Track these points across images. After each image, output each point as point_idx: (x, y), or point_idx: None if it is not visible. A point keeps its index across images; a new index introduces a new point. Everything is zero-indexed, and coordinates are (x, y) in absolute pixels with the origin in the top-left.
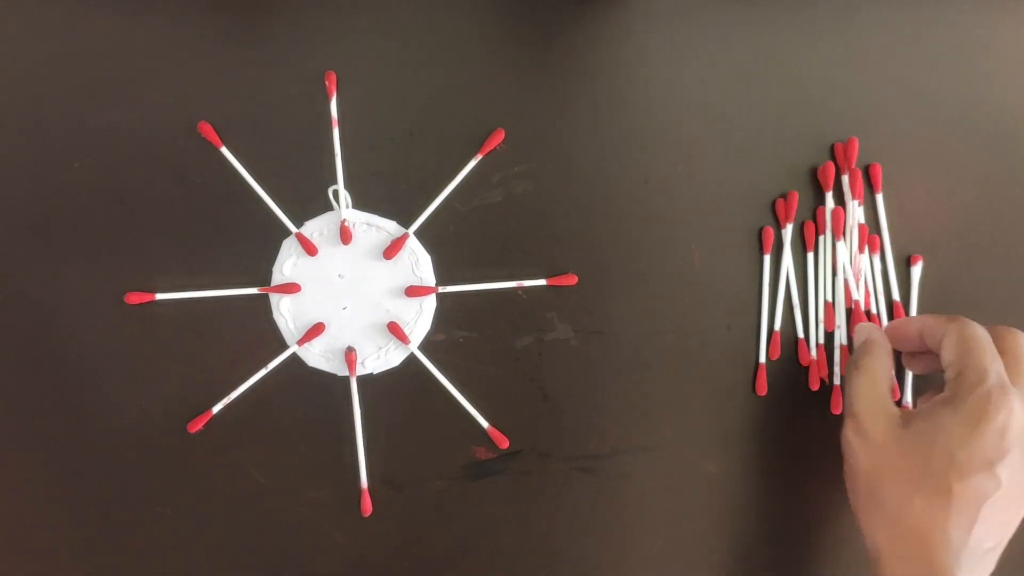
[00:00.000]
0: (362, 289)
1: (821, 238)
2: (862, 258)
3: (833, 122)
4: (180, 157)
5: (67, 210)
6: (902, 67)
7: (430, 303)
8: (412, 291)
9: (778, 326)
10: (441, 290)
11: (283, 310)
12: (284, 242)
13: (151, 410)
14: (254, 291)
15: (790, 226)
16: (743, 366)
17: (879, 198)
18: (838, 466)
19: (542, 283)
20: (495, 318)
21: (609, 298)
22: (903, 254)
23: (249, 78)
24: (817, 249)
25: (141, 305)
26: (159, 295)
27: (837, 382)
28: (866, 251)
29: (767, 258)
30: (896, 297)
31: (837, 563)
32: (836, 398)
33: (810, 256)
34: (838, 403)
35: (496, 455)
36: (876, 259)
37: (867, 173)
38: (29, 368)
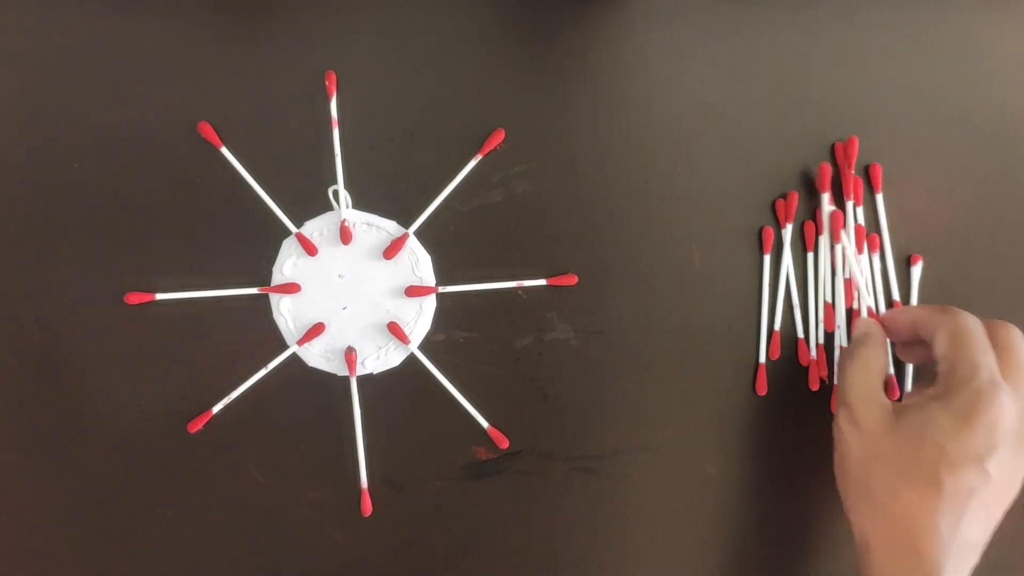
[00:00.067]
0: (362, 289)
1: (821, 238)
2: (862, 258)
3: (833, 122)
4: (180, 157)
5: (67, 210)
6: (902, 67)
7: (430, 303)
8: (412, 291)
9: (778, 326)
10: (441, 290)
11: (283, 310)
12: (284, 242)
13: (151, 410)
14: (254, 291)
15: (790, 226)
16: (743, 366)
17: (879, 198)
18: None
19: (542, 283)
20: (495, 318)
21: (609, 298)
22: (903, 254)
23: (249, 78)
24: (817, 249)
25: (141, 305)
26: (159, 295)
27: (837, 382)
28: (866, 251)
29: (767, 258)
30: (896, 297)
31: (837, 563)
32: (836, 398)
33: (810, 256)
34: None
35: (496, 455)
36: (876, 259)
37: (867, 173)
38: (29, 368)
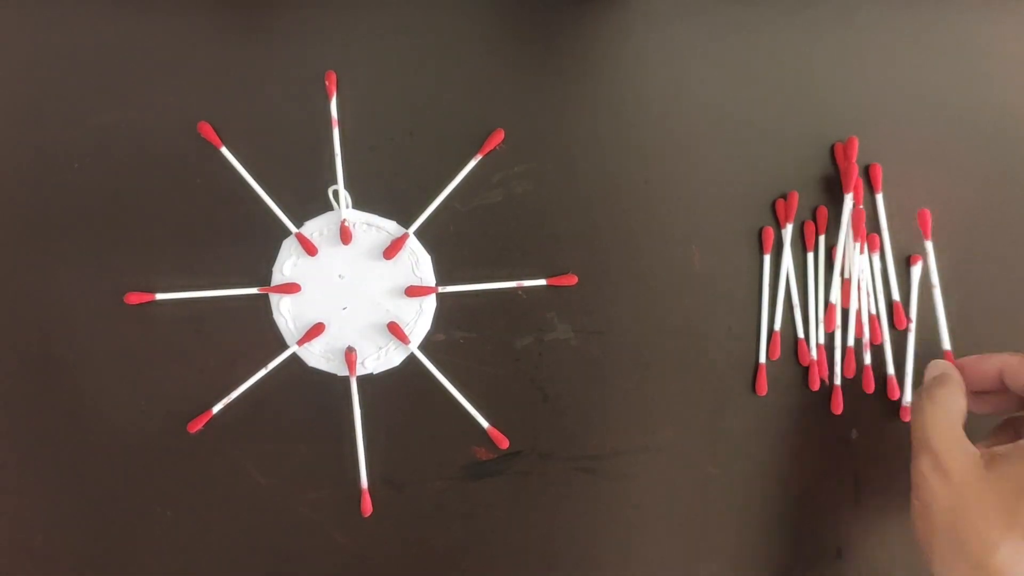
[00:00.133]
0: (362, 289)
1: (821, 238)
2: (862, 258)
3: (833, 122)
4: (180, 157)
5: (67, 210)
6: (902, 67)
7: (430, 303)
8: (412, 291)
9: (778, 326)
10: (441, 290)
11: (283, 310)
12: (284, 242)
13: (151, 410)
14: (254, 291)
15: (790, 226)
16: (743, 366)
17: (879, 198)
18: (837, 465)
19: (542, 283)
20: (495, 318)
21: (609, 298)
22: (903, 254)
23: (249, 78)
24: (817, 249)
25: (141, 305)
26: (159, 295)
27: (837, 382)
28: (866, 251)
29: (767, 258)
30: (896, 297)
31: (836, 563)
32: (836, 398)
33: (810, 256)
34: (838, 403)
35: (496, 455)
36: (876, 259)
37: (867, 173)
38: (29, 368)
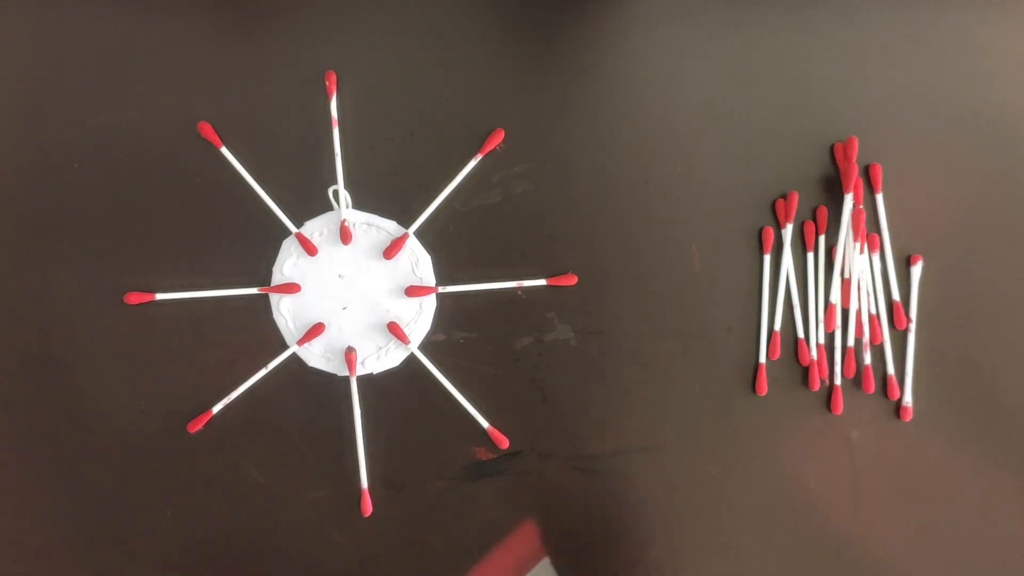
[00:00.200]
0: (362, 289)
1: (821, 238)
2: (862, 258)
3: (833, 122)
4: (180, 157)
5: (67, 210)
6: (902, 67)
7: (430, 303)
8: (412, 291)
9: (778, 326)
10: (441, 290)
11: (283, 310)
12: (284, 242)
13: (151, 410)
14: (254, 291)
15: (790, 226)
16: (743, 366)
17: (879, 198)
18: (837, 465)
19: (542, 283)
20: (495, 318)
21: (609, 298)
22: (903, 254)
23: (249, 78)
24: (817, 249)
25: (141, 305)
26: (159, 295)
27: (838, 382)
28: (866, 251)
29: (767, 258)
30: (896, 297)
31: (836, 563)
32: (836, 398)
33: (810, 256)
34: (838, 403)
35: (496, 455)
36: (876, 259)
37: (867, 173)
38: (29, 368)
